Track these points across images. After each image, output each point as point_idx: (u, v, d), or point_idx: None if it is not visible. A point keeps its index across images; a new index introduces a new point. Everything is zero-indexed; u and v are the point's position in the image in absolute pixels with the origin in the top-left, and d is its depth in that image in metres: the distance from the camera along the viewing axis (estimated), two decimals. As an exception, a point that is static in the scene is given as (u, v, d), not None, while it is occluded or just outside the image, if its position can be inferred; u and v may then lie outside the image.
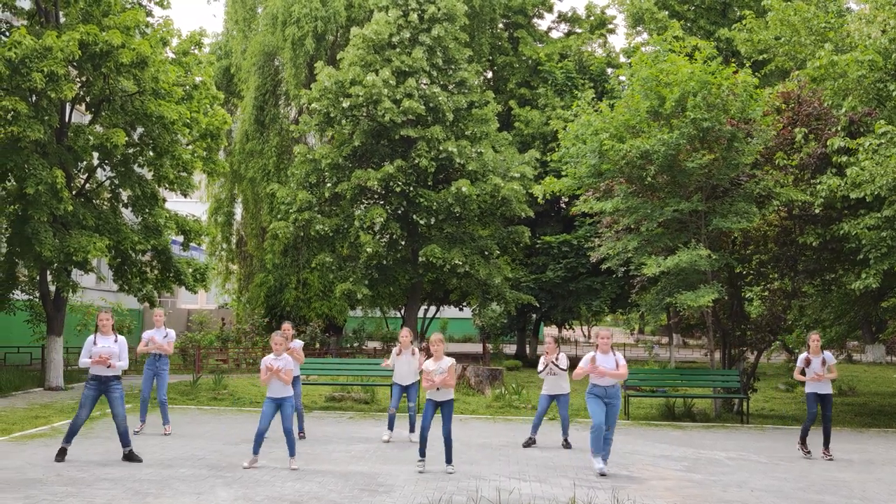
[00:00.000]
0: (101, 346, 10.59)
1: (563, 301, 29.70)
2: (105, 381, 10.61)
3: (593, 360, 10.55)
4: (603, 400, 10.57)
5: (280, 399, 10.43)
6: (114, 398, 10.62)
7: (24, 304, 21.39)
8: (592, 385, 10.65)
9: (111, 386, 10.63)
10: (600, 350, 10.67)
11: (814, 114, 16.79)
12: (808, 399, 12.59)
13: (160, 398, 13.29)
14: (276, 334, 10.80)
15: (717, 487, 9.93)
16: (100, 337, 10.68)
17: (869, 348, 36.32)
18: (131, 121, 18.97)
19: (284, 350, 10.66)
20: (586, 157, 17.14)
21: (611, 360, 10.58)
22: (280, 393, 10.42)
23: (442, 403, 10.40)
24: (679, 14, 32.14)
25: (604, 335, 10.80)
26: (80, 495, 8.71)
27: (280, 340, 10.60)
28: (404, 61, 24.35)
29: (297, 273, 29.77)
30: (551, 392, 12.88)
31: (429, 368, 10.40)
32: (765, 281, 18.65)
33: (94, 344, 10.60)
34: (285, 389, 10.46)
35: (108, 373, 10.60)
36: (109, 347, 10.61)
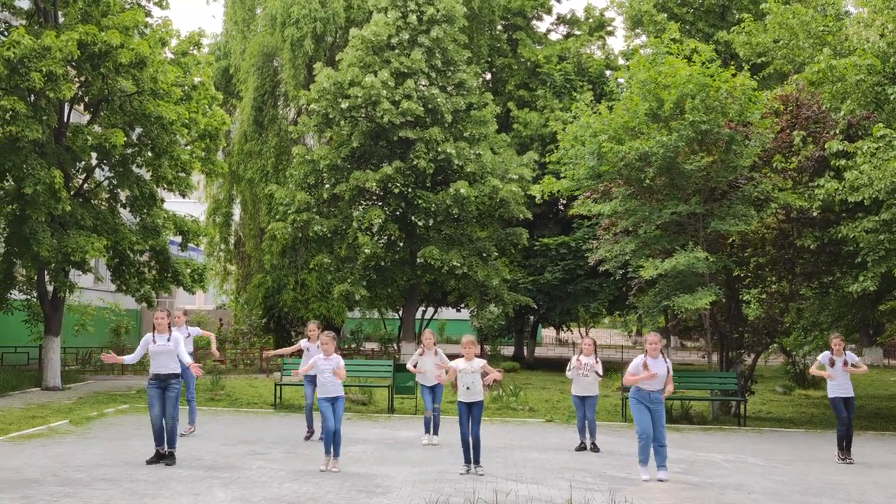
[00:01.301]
0: (159, 344, 10.65)
1: (561, 303, 29.70)
2: (164, 378, 10.68)
3: (646, 364, 10.42)
4: (647, 405, 10.44)
5: (335, 398, 10.47)
6: (169, 397, 10.68)
7: (21, 304, 21.38)
8: (636, 389, 10.50)
9: (170, 384, 10.71)
10: (650, 355, 10.49)
11: (812, 117, 16.80)
12: (834, 405, 12.55)
13: (188, 397, 13.34)
14: (325, 334, 10.77)
15: (714, 490, 9.94)
16: (157, 335, 10.71)
17: (866, 351, 36.35)
18: (130, 121, 18.96)
19: (334, 349, 10.64)
20: (585, 159, 17.14)
21: (661, 364, 10.45)
22: (335, 392, 10.47)
23: (472, 405, 10.41)
24: (678, 16, 32.15)
25: (652, 340, 10.60)
26: (76, 496, 8.70)
27: (327, 340, 10.62)
28: (403, 62, 24.35)
29: (296, 274, 29.75)
30: (580, 393, 12.79)
31: (460, 368, 10.44)
32: (762, 283, 18.65)
33: (154, 342, 10.66)
34: (339, 388, 10.51)
35: (167, 371, 10.66)
36: (167, 346, 10.66)
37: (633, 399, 10.58)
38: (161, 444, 10.70)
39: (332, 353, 10.58)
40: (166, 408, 10.68)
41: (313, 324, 13.34)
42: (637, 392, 10.52)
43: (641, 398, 10.47)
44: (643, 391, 10.45)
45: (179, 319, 13.40)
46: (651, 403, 10.44)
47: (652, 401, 10.44)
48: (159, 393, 10.66)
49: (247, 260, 35.10)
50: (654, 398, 10.44)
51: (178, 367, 10.80)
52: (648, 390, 10.42)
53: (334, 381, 10.45)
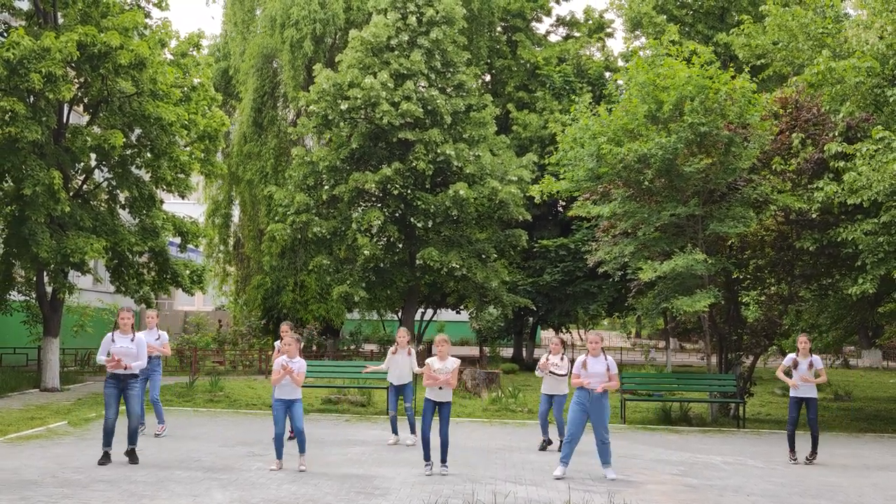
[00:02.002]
0: (119, 344, 10.58)
1: (560, 304, 29.71)
2: (123, 378, 10.62)
3: (585, 364, 10.47)
4: (586, 406, 10.41)
5: (290, 401, 10.41)
6: (131, 395, 10.64)
7: (20, 305, 21.38)
8: (579, 389, 10.51)
9: (129, 384, 10.65)
10: (591, 354, 10.57)
11: (812, 119, 16.81)
12: (790, 404, 12.49)
13: (152, 397, 13.22)
14: (288, 336, 10.78)
15: (713, 492, 9.94)
16: (118, 335, 10.66)
17: (865, 353, 36.39)
18: (129, 122, 18.96)
19: (296, 351, 10.61)
20: (584, 161, 17.15)
21: (602, 363, 10.49)
22: (290, 395, 10.41)
23: (440, 404, 10.36)
24: (677, 18, 32.18)
25: (593, 339, 10.69)
26: (75, 497, 8.69)
27: (290, 341, 10.60)
28: (403, 64, 24.36)
29: (295, 275, 29.75)
30: (549, 392, 12.82)
31: (434, 367, 10.35)
32: (761, 285, 18.66)
33: (112, 342, 10.59)
34: (295, 391, 10.45)
35: (126, 371, 10.59)
36: (127, 347, 10.60)
37: (574, 398, 10.57)
38: (109, 445, 10.60)
39: (296, 355, 10.54)
40: (130, 407, 10.61)
41: (286, 325, 13.31)
42: (578, 392, 10.51)
43: (581, 398, 10.46)
44: (583, 390, 10.45)
45: (151, 321, 13.41)
46: (591, 402, 10.40)
47: (592, 400, 10.40)
48: (116, 393, 10.60)
49: (246, 261, 35.09)
50: (595, 397, 10.41)
51: (138, 370, 10.68)
52: (588, 388, 10.41)
53: (292, 384, 10.39)
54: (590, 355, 10.56)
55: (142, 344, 10.77)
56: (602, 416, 10.46)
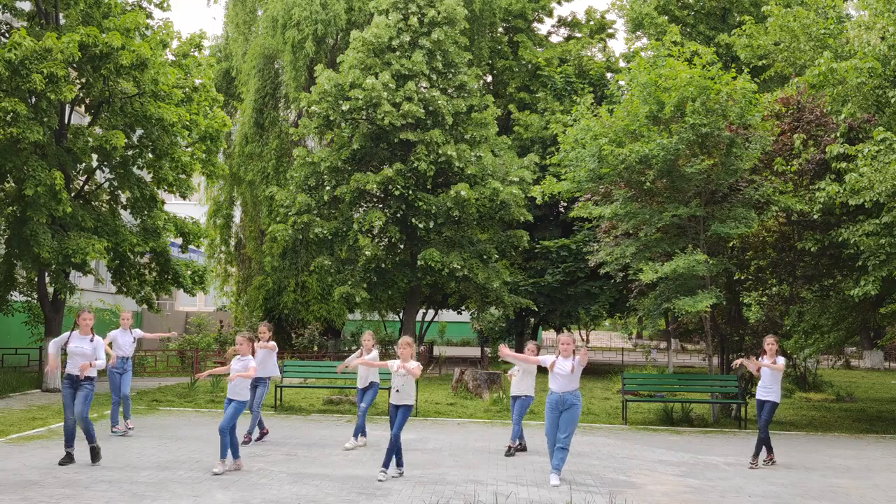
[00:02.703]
0: (73, 345, 10.56)
1: (561, 305, 29.70)
2: (77, 378, 10.56)
3: (553, 365, 10.27)
4: (558, 406, 10.21)
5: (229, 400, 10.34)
6: (79, 394, 10.54)
7: (22, 306, 21.39)
8: (549, 392, 10.35)
9: (82, 385, 10.58)
10: (562, 354, 10.33)
11: (814, 120, 16.79)
12: (756, 406, 12.32)
13: (124, 393, 13.24)
14: (241, 335, 10.68)
15: (714, 493, 9.93)
16: (76, 336, 10.64)
17: (867, 354, 36.36)
18: (130, 123, 18.98)
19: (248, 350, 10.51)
20: (585, 162, 17.14)
21: (569, 363, 10.20)
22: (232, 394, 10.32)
23: (399, 407, 10.21)
24: (679, 19, 32.20)
25: (565, 340, 10.44)
26: (76, 497, 8.70)
27: (241, 341, 10.50)
28: (404, 65, 24.37)
29: (296, 276, 29.76)
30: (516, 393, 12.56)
31: (394, 368, 10.21)
32: (763, 286, 18.64)
33: (67, 342, 10.60)
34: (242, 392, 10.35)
35: (78, 372, 10.53)
36: (83, 348, 10.56)
37: (546, 404, 10.40)
38: (71, 445, 10.56)
39: (247, 353, 10.48)
40: (75, 406, 10.52)
41: (263, 325, 13.23)
42: (549, 395, 10.35)
43: (551, 401, 10.30)
44: (554, 393, 10.27)
45: (125, 322, 13.44)
46: (561, 405, 10.22)
47: (562, 402, 10.21)
48: (71, 393, 10.57)
49: (247, 262, 35.11)
50: (565, 399, 10.20)
51: (93, 371, 10.58)
52: (559, 392, 10.22)
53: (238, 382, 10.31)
54: (561, 356, 10.35)
55: (99, 346, 10.70)
56: (569, 421, 10.19)
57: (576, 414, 10.25)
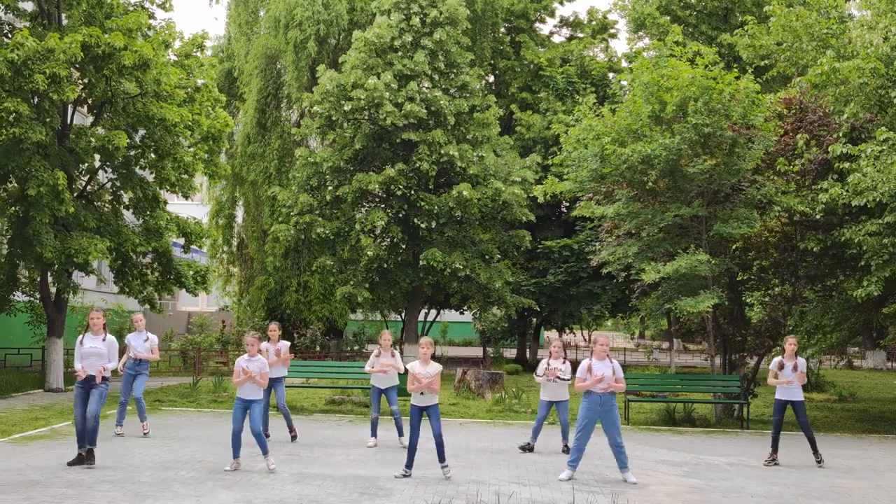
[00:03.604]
0: (88, 346, 10.51)
1: (563, 305, 29.70)
2: (91, 378, 10.52)
3: (590, 368, 10.36)
4: (597, 410, 10.31)
5: (249, 401, 10.34)
6: (92, 393, 10.52)
7: (24, 306, 21.41)
8: (586, 395, 10.39)
9: (96, 384, 10.55)
10: (596, 356, 10.47)
11: (816, 121, 16.78)
12: (775, 407, 12.24)
13: (136, 395, 13.22)
14: (249, 335, 10.70)
15: (716, 493, 9.92)
16: (88, 336, 10.58)
17: (870, 354, 36.31)
18: (133, 123, 18.98)
19: (257, 351, 10.53)
20: (587, 161, 17.14)
21: (607, 366, 10.38)
22: (250, 395, 10.34)
23: (427, 408, 10.27)
24: (681, 19, 32.18)
25: (602, 341, 10.59)
26: (79, 497, 8.71)
27: (252, 341, 10.49)
28: (406, 65, 24.37)
29: (298, 276, 29.76)
30: (551, 398, 12.78)
31: (415, 371, 10.23)
32: (765, 286, 18.63)
33: (81, 344, 10.53)
34: (256, 391, 10.38)
35: (93, 372, 10.51)
36: (97, 348, 10.52)
37: (583, 403, 10.42)
38: (83, 445, 10.53)
39: (256, 354, 10.48)
40: (89, 404, 10.48)
41: (274, 325, 13.26)
42: (588, 396, 10.37)
43: (592, 403, 10.32)
44: (594, 395, 10.31)
45: (139, 324, 13.43)
46: (602, 406, 10.30)
47: (603, 403, 10.30)
48: (83, 393, 10.54)
49: (249, 262, 35.14)
50: (605, 401, 10.30)
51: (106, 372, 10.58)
52: (599, 393, 10.30)
53: (252, 384, 10.32)
54: (595, 358, 10.45)
55: (112, 345, 10.67)
56: (613, 420, 10.33)
57: (617, 414, 10.46)
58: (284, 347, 13.13)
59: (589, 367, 10.35)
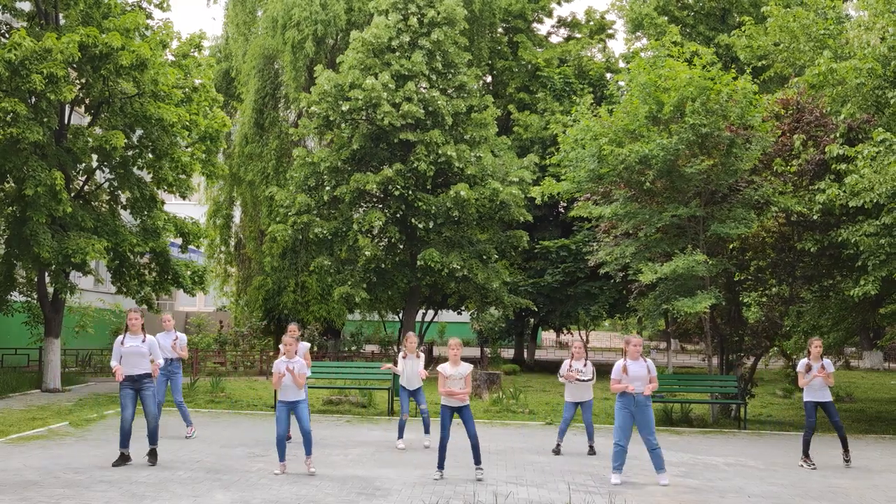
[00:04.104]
0: (129, 345, 10.55)
1: (561, 305, 29.71)
2: (137, 379, 10.59)
3: (625, 368, 10.34)
4: (632, 410, 10.30)
5: (293, 403, 10.33)
6: (145, 396, 10.62)
7: (21, 306, 21.39)
8: (622, 394, 10.37)
9: (143, 384, 10.62)
10: (630, 357, 10.41)
11: (813, 121, 16.80)
12: (807, 409, 12.25)
13: (176, 400, 13.25)
14: (287, 336, 10.72)
15: (714, 493, 9.93)
16: (128, 337, 10.62)
17: (867, 354, 36.34)
18: (130, 123, 18.98)
19: (294, 352, 10.55)
20: (585, 162, 17.15)
21: (642, 366, 10.35)
22: (293, 396, 10.33)
23: (459, 409, 10.31)
24: (678, 20, 32.21)
25: (635, 342, 10.52)
26: (76, 497, 8.70)
27: (290, 342, 10.51)
28: (404, 65, 24.37)
29: (296, 276, 29.75)
30: (575, 399, 12.74)
31: (446, 373, 10.22)
32: (763, 287, 18.64)
33: (122, 344, 10.57)
34: (298, 392, 10.37)
35: (139, 371, 10.57)
36: (138, 347, 10.56)
37: (618, 403, 10.43)
38: (126, 446, 10.58)
39: (294, 356, 10.47)
40: (146, 407, 10.59)
41: (293, 325, 13.28)
42: (622, 397, 10.37)
43: (626, 403, 10.33)
44: (628, 395, 10.32)
45: (168, 324, 13.41)
46: (636, 407, 10.32)
47: (637, 404, 10.31)
48: (132, 394, 10.57)
49: (247, 262, 35.12)
50: (640, 401, 10.31)
51: (149, 368, 10.67)
52: (633, 393, 10.31)
53: (294, 385, 10.33)
54: (629, 359, 10.42)
55: (152, 343, 10.75)
56: (647, 420, 10.32)
57: (651, 413, 10.45)
58: (304, 349, 13.10)
59: (624, 367, 10.36)
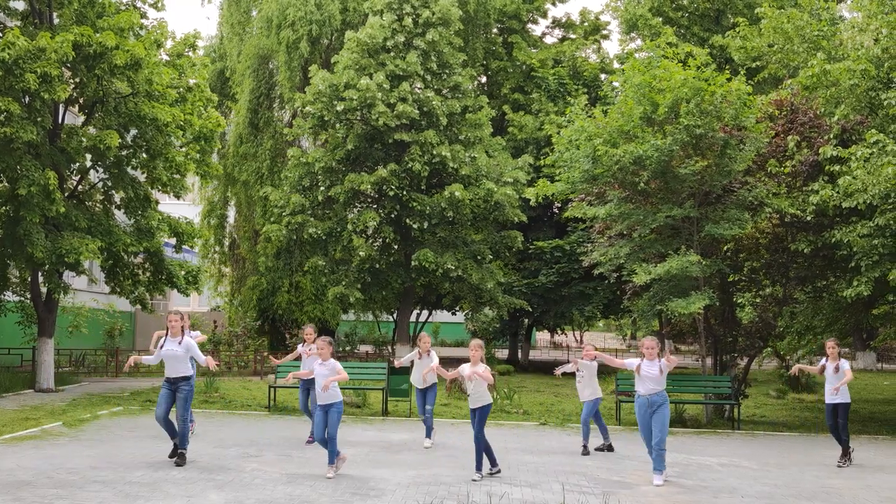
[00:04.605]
0: (167, 348, 10.65)
1: (555, 306, 29.74)
2: (174, 381, 10.75)
3: (639, 368, 10.43)
4: (647, 409, 10.39)
5: (328, 405, 10.21)
6: (179, 398, 10.77)
7: (15, 306, 21.34)
8: (637, 395, 10.54)
9: (179, 386, 10.77)
10: (647, 358, 10.49)
11: (807, 122, 16.84)
12: (827, 412, 12.55)
13: None
14: (321, 339, 10.50)
15: (707, 493, 9.95)
16: (168, 339, 10.70)
17: (860, 355, 36.43)
18: (124, 123, 18.94)
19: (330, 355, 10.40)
20: (579, 162, 17.17)
21: (656, 366, 10.39)
22: (328, 399, 10.21)
23: (478, 409, 10.41)
24: (673, 21, 32.28)
25: (649, 345, 10.55)
26: (70, 498, 8.68)
27: (323, 345, 10.40)
28: (398, 65, 24.36)
29: (290, 276, 29.73)
30: (587, 398, 12.82)
31: (464, 373, 10.44)
32: (756, 287, 18.68)
33: (161, 347, 10.68)
34: (333, 395, 10.25)
35: (175, 374, 10.72)
36: (174, 350, 10.64)
37: (636, 402, 10.62)
38: (174, 436, 10.81)
39: (329, 358, 10.46)
40: (178, 408, 10.78)
41: (309, 327, 13.29)
42: (637, 398, 10.55)
43: (640, 404, 10.49)
44: (641, 396, 10.47)
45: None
46: (650, 407, 10.41)
47: (651, 404, 10.40)
48: (168, 394, 10.75)
49: (241, 262, 35.07)
50: (653, 401, 10.39)
51: (189, 370, 10.82)
52: (645, 394, 10.41)
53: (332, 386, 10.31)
54: (645, 359, 10.51)
55: (190, 346, 10.81)
56: (661, 420, 10.36)
57: (666, 413, 10.44)
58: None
59: (638, 367, 10.47)
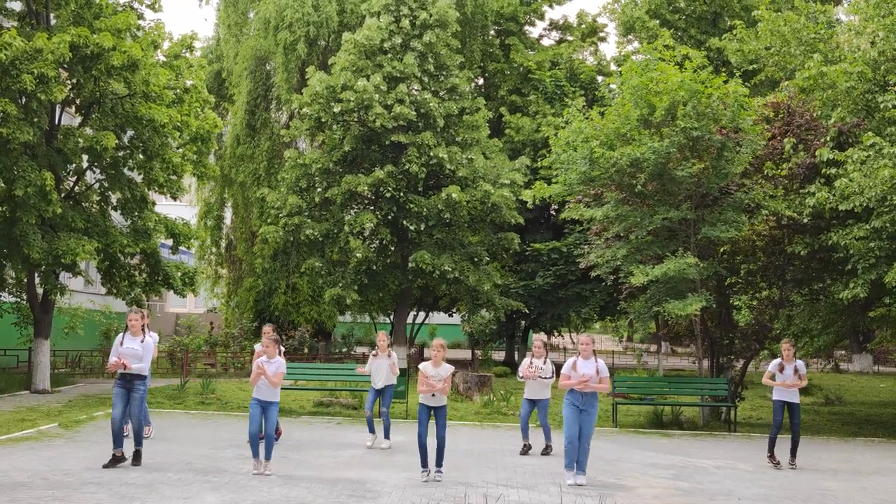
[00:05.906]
0: (126, 346, 10.60)
1: (552, 308, 29.73)
2: (129, 379, 10.65)
3: (575, 365, 10.43)
4: (579, 408, 10.38)
5: (266, 402, 10.34)
6: (133, 397, 10.66)
7: (11, 307, 21.30)
8: (570, 391, 10.46)
9: (134, 385, 10.67)
10: (582, 356, 10.54)
11: (804, 125, 16.86)
12: (775, 407, 12.45)
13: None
14: (267, 336, 10.76)
15: (704, 496, 9.95)
16: (127, 337, 10.66)
17: (856, 358, 36.45)
18: (121, 123, 18.91)
19: (276, 352, 10.57)
20: (577, 164, 17.17)
21: (592, 365, 10.43)
22: (266, 396, 10.34)
23: (436, 409, 10.32)
24: (670, 23, 32.30)
25: (585, 340, 10.69)
26: (65, 499, 8.66)
27: (268, 342, 10.55)
28: (396, 67, 24.36)
29: (287, 278, 29.70)
30: (532, 397, 12.84)
31: (427, 373, 10.25)
32: (753, 290, 18.69)
33: (121, 344, 10.62)
34: (272, 394, 10.39)
35: (131, 372, 10.60)
36: (135, 349, 10.60)
37: (566, 400, 10.50)
38: (119, 446, 10.59)
39: (275, 355, 10.51)
40: (131, 408, 10.63)
41: (268, 326, 13.24)
42: (570, 394, 10.46)
43: (574, 400, 10.41)
44: (576, 393, 10.40)
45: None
46: (583, 405, 10.38)
47: (584, 402, 10.37)
48: (123, 393, 10.61)
49: (238, 263, 35.04)
50: (587, 400, 10.38)
51: (145, 370, 10.73)
52: (581, 393, 10.37)
53: (268, 385, 10.33)
54: (580, 357, 10.53)
55: (148, 347, 10.79)
56: (590, 421, 10.41)
57: (595, 415, 10.49)
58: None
59: (574, 364, 10.44)
